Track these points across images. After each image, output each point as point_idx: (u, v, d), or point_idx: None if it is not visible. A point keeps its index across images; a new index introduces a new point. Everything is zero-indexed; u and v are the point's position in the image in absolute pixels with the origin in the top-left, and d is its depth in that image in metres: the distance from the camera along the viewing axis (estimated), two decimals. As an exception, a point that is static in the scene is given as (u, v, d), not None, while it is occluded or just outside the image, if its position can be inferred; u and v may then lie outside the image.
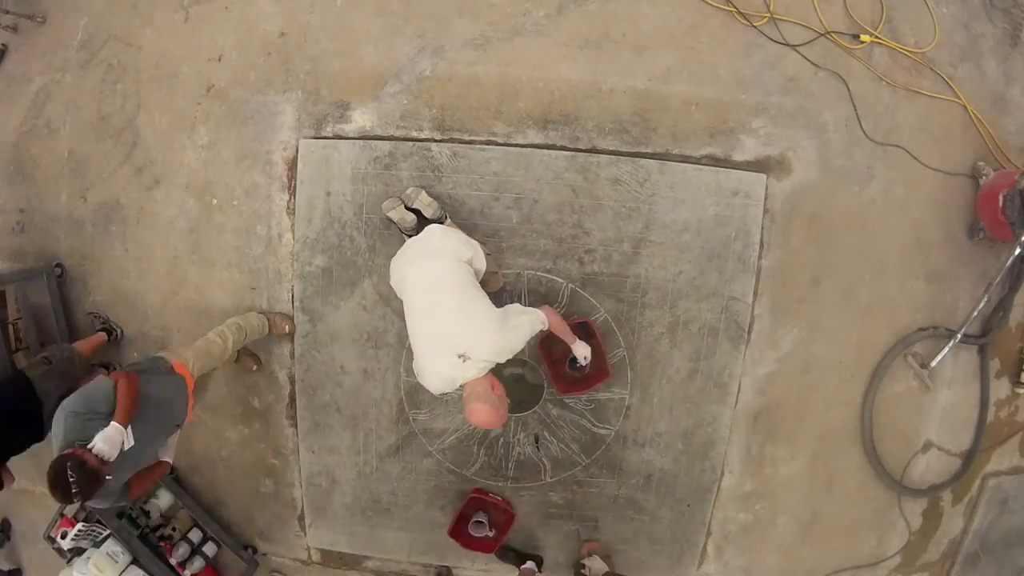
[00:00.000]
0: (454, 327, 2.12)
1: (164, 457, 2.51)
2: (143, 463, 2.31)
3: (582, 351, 2.59)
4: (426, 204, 2.70)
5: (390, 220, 2.73)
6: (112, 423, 2.06)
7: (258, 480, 3.30)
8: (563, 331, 2.49)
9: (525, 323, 2.22)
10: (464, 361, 2.09)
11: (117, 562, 3.07)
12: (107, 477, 2.00)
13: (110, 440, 2.02)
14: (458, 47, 2.83)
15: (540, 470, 3.17)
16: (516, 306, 2.28)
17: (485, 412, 2.11)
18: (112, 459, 2.02)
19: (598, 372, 2.91)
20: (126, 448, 2.10)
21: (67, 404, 2.11)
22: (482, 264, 2.35)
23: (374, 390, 3.08)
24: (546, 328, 2.32)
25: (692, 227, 2.88)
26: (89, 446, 1.99)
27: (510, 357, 2.18)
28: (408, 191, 2.74)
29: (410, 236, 2.57)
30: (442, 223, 2.64)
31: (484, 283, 2.39)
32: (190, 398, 2.48)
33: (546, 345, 2.91)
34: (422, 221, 2.69)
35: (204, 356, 2.56)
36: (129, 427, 2.11)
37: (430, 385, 2.22)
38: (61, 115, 3.06)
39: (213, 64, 2.94)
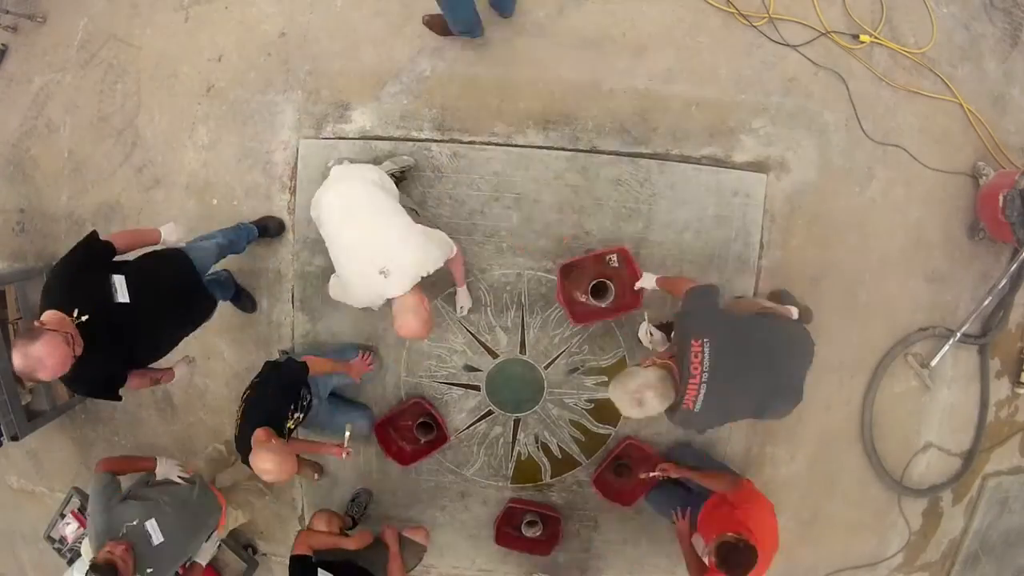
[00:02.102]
0: (376, 240, 2.18)
1: (199, 559, 2.74)
2: (178, 563, 2.49)
3: (463, 301, 2.78)
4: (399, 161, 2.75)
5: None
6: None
7: (258, 480, 3.29)
8: (460, 273, 2.63)
9: (438, 241, 2.29)
10: (386, 277, 2.14)
11: None
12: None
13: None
14: (458, 47, 2.83)
15: (540, 470, 3.17)
16: (429, 228, 2.32)
17: (414, 325, 2.18)
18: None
19: (627, 302, 2.80)
20: (154, 544, 2.27)
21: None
22: (395, 192, 2.39)
23: (374, 390, 3.08)
24: (453, 254, 2.36)
25: (692, 227, 2.88)
26: None
27: (429, 273, 2.23)
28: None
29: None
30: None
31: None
32: (223, 509, 2.72)
33: (564, 273, 2.78)
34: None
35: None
36: (155, 520, 2.28)
37: (355, 299, 2.31)
38: (61, 115, 3.06)
39: (213, 64, 2.94)
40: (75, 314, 1.93)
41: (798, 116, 2.87)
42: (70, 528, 3.14)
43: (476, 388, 3.07)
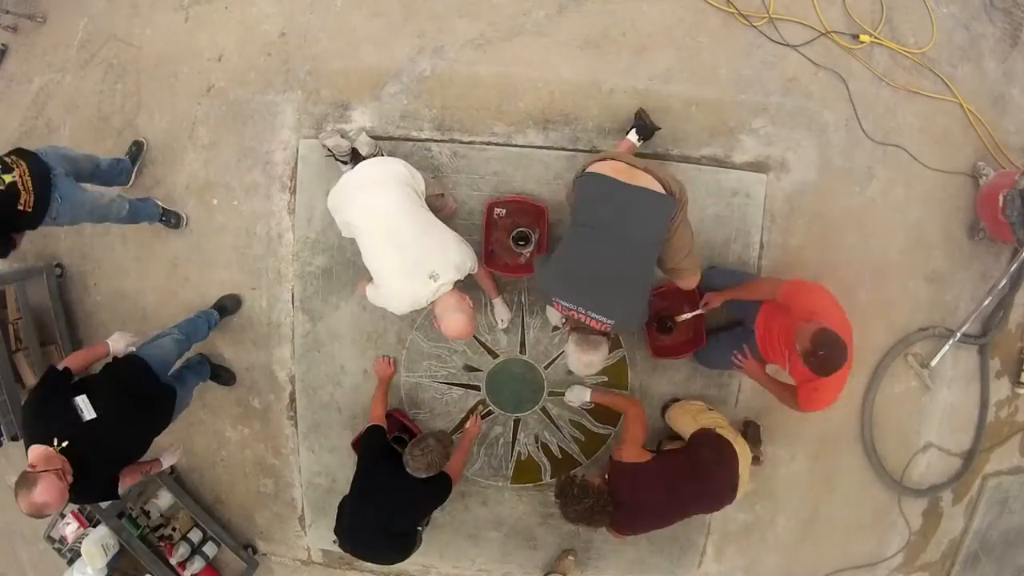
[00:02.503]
0: (420, 250, 2.22)
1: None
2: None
3: (502, 313, 2.86)
4: (364, 143, 2.71)
5: (326, 148, 2.75)
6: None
7: (258, 480, 3.30)
8: (491, 283, 2.76)
9: (466, 243, 2.38)
10: (435, 280, 2.21)
11: (107, 555, 3.07)
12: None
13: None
14: (458, 47, 2.83)
15: (540, 470, 3.17)
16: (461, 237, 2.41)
17: (463, 322, 2.25)
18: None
19: (691, 340, 2.86)
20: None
21: None
22: (422, 186, 2.39)
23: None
24: (476, 265, 2.43)
25: (692, 227, 2.87)
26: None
27: (470, 271, 2.35)
28: (351, 131, 2.78)
29: (344, 164, 2.72)
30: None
31: (436, 209, 2.47)
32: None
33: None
34: (357, 157, 2.72)
35: None
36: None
37: (397, 308, 2.34)
38: (61, 115, 3.06)
39: (213, 64, 2.94)
40: (55, 443, 2.13)
41: (798, 116, 2.87)
42: (70, 528, 3.14)
43: (476, 388, 3.07)
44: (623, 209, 2.11)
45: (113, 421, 2.25)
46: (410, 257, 2.21)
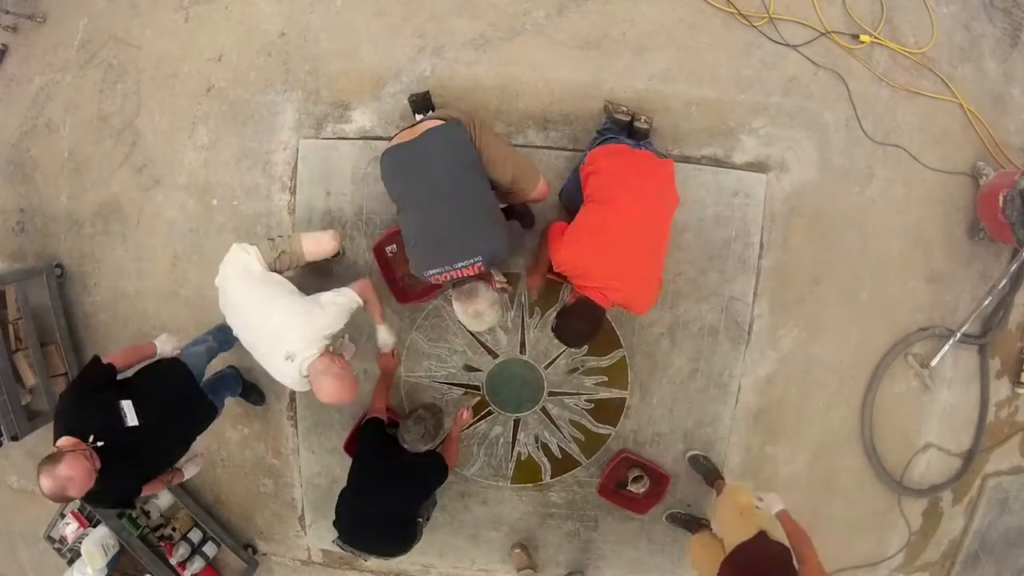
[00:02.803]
0: (266, 335, 2.23)
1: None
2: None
3: (384, 337, 2.64)
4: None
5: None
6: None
7: (258, 480, 3.30)
8: (374, 305, 2.54)
9: (334, 307, 2.30)
10: (292, 361, 2.19)
11: (107, 555, 3.07)
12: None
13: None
14: (458, 47, 2.83)
15: (540, 470, 3.17)
16: (324, 294, 2.34)
17: (332, 385, 2.18)
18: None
19: (653, 492, 3.06)
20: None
21: None
22: (258, 263, 2.34)
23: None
24: (360, 304, 2.38)
25: (692, 227, 2.88)
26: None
27: (333, 335, 2.28)
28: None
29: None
30: None
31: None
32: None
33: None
34: None
35: None
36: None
37: (287, 384, 2.32)
38: (61, 115, 3.06)
39: (213, 64, 2.94)
40: (91, 440, 2.05)
41: (798, 116, 2.87)
42: (70, 528, 3.14)
43: (476, 388, 3.07)
44: (417, 161, 2.11)
45: (153, 430, 2.21)
46: (262, 342, 2.25)
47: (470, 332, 2.97)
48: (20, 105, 3.09)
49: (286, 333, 2.19)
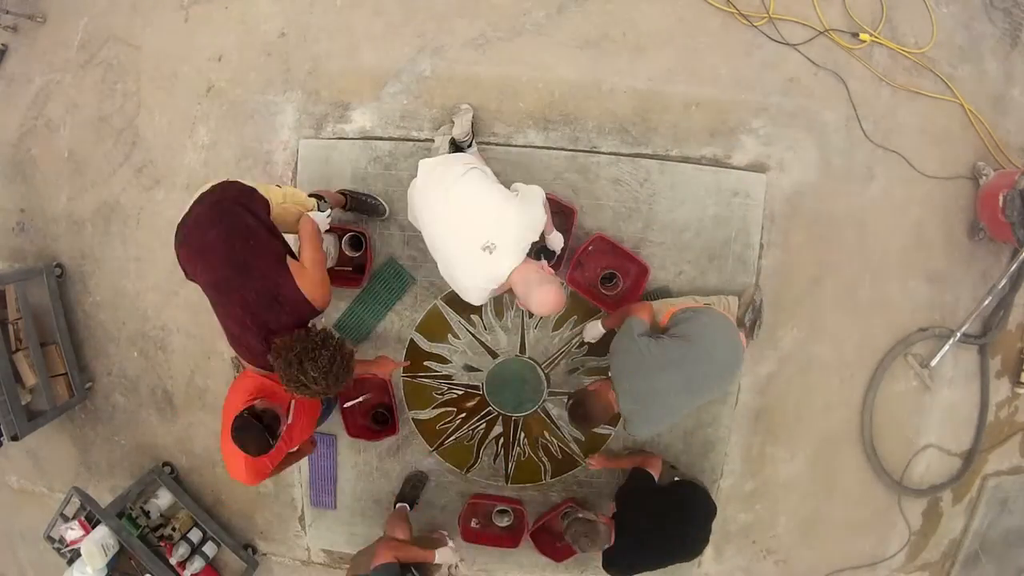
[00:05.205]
0: (470, 220, 1.98)
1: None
2: None
3: (556, 242, 2.54)
4: (462, 123, 2.68)
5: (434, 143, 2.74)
6: None
7: (258, 480, 3.30)
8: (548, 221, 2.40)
9: (533, 193, 2.13)
10: (491, 253, 1.92)
11: (107, 555, 3.06)
12: None
13: None
14: (458, 47, 2.83)
15: (540, 470, 3.17)
16: (517, 183, 2.18)
17: (554, 292, 1.92)
18: None
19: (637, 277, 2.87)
20: None
21: None
22: (480, 164, 2.22)
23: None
24: (543, 198, 2.19)
25: (692, 227, 2.88)
26: None
27: (537, 236, 2.06)
28: (463, 106, 2.75)
29: None
30: (462, 150, 2.68)
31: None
32: None
33: (575, 278, 2.86)
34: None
35: None
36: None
37: (472, 296, 2.09)
38: (61, 115, 3.06)
39: (213, 64, 2.94)
40: None
41: (798, 116, 2.87)
42: (72, 532, 3.12)
43: (476, 388, 3.07)
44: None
45: None
46: (463, 230, 1.98)
47: (470, 332, 2.97)
48: (20, 105, 3.09)
49: (498, 220, 1.95)
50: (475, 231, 1.95)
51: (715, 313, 2.40)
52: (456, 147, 2.73)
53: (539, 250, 2.60)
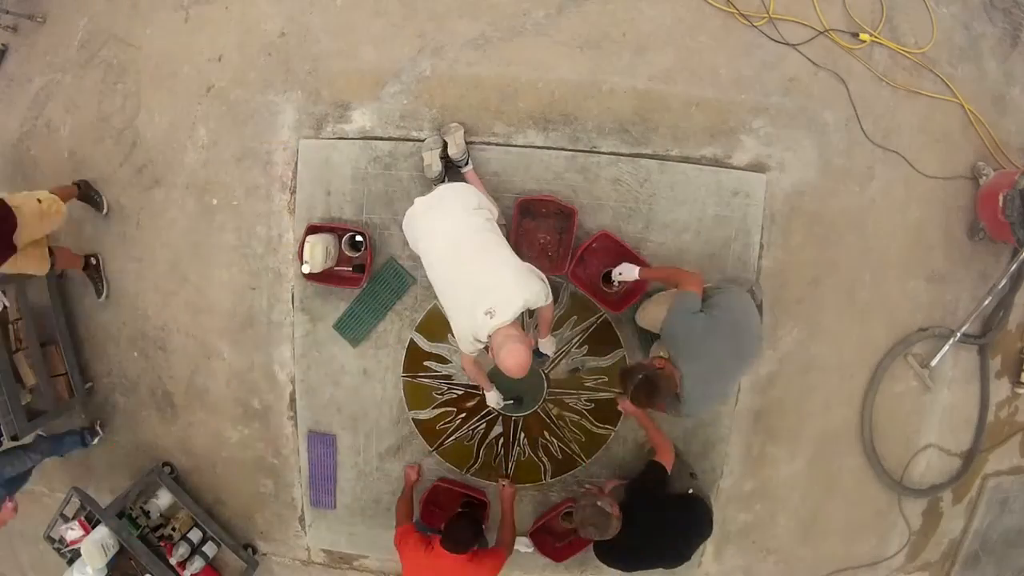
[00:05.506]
0: (478, 284, 2.11)
1: None
2: None
3: (548, 347, 2.73)
4: (456, 142, 2.73)
5: (423, 161, 2.78)
6: None
7: (258, 480, 3.30)
8: (547, 320, 2.59)
9: (539, 275, 2.22)
10: (492, 317, 2.05)
11: (107, 555, 3.06)
12: None
13: None
14: (458, 47, 2.83)
15: (540, 470, 3.17)
16: (531, 265, 2.27)
17: (524, 353, 2.04)
18: None
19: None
20: None
21: None
22: (493, 209, 2.37)
23: (374, 390, 3.08)
24: (549, 299, 2.28)
25: (692, 227, 2.88)
26: None
27: (531, 308, 2.18)
28: (452, 124, 2.78)
29: (433, 182, 2.70)
30: (461, 169, 2.75)
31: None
32: None
33: (577, 274, 2.88)
34: (450, 173, 2.76)
35: None
36: None
37: (465, 348, 2.21)
38: (61, 115, 3.06)
39: (213, 64, 2.94)
40: None
41: (798, 116, 2.87)
42: (72, 532, 3.12)
43: (476, 388, 3.07)
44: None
45: None
46: (469, 291, 2.12)
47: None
48: (20, 105, 3.09)
49: (504, 290, 2.08)
50: (483, 296, 2.09)
51: (738, 288, 2.48)
52: (450, 163, 2.75)
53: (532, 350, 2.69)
